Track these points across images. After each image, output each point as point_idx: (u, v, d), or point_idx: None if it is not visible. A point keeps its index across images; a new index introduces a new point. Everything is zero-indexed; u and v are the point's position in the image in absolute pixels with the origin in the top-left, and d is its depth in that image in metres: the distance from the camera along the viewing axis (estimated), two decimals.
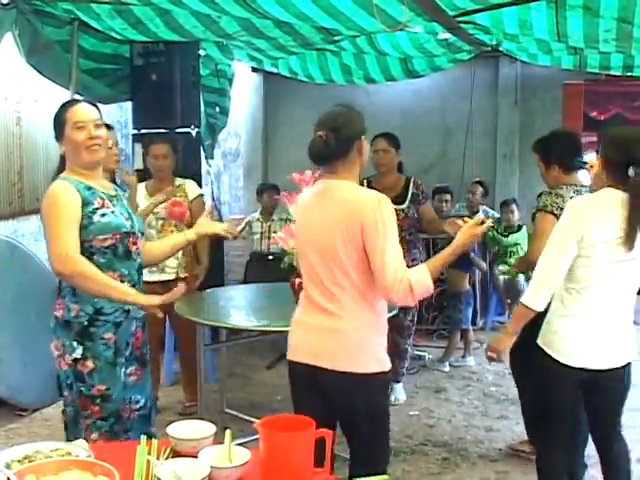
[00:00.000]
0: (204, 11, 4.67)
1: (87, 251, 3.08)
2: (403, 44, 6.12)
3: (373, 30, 5.03)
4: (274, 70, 7.69)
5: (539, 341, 3.44)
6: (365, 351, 2.99)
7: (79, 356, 3.12)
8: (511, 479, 4.56)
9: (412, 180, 5.57)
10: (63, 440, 4.12)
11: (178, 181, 5.45)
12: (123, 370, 3.24)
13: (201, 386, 4.59)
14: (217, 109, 7.85)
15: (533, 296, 3.35)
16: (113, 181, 4.35)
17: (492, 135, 9.02)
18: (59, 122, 3.17)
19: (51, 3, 5.00)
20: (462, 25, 4.96)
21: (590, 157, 4.92)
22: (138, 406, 3.34)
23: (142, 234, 3.36)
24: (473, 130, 8.63)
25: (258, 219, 7.22)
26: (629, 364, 3.42)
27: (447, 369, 6.66)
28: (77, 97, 5.39)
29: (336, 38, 5.92)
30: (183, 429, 2.35)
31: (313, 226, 3.05)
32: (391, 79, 7.56)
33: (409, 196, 5.47)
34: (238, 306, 4.88)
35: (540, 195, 4.43)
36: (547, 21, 4.36)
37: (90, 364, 3.12)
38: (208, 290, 5.13)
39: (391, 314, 3.75)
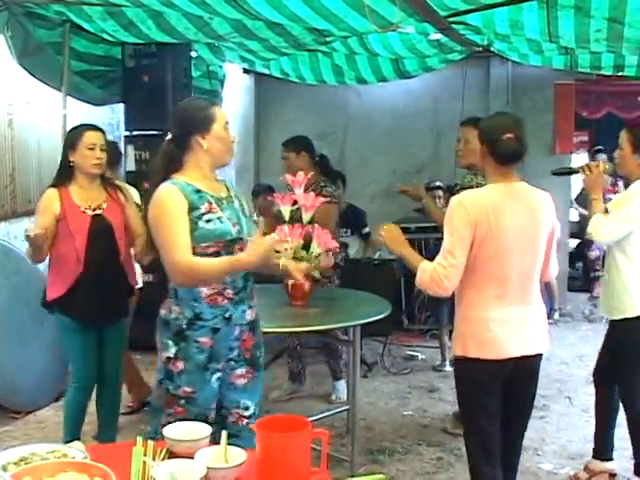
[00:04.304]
0: (196, 13, 4.67)
1: None
2: (395, 45, 6.12)
3: (365, 31, 5.03)
4: (265, 71, 7.69)
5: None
6: (547, 332, 3.46)
7: (172, 355, 3.09)
8: None
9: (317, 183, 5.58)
10: (58, 442, 4.13)
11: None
12: (217, 376, 3.16)
13: None
14: None
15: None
16: (105, 184, 4.30)
17: None
18: (208, 117, 3.12)
19: (43, 5, 5.00)
20: (453, 25, 4.97)
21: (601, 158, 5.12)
22: (248, 413, 3.27)
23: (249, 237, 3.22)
24: None
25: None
26: None
27: (449, 368, 6.64)
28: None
29: (328, 39, 5.93)
30: (179, 430, 2.36)
31: (520, 226, 3.27)
32: (383, 80, 7.56)
33: None
34: None
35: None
36: (538, 21, 4.36)
37: (180, 365, 3.08)
38: None
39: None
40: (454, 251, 3.19)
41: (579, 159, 9.58)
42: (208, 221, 3.05)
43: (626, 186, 4.29)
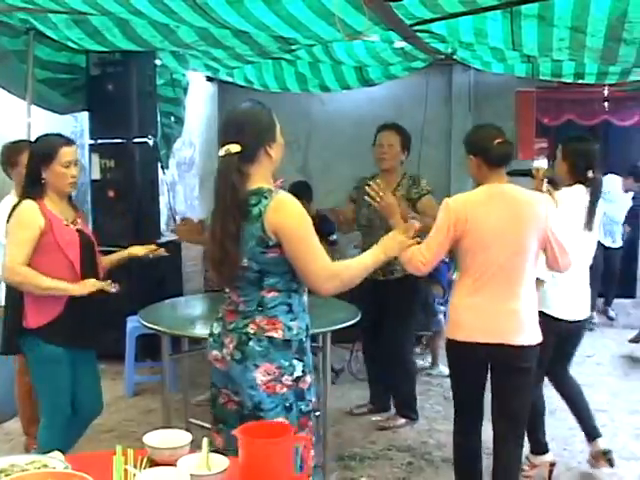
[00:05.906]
0: (162, 21, 4.65)
1: None
2: (359, 53, 6.16)
3: (330, 39, 5.06)
4: (229, 79, 7.68)
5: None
6: (536, 326, 3.70)
7: (300, 373, 2.88)
8: None
9: None
10: (23, 454, 4.07)
11: None
12: None
13: (165, 395, 4.59)
14: (172, 119, 7.84)
15: None
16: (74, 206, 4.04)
17: (446, 142, 9.13)
18: (273, 124, 3.00)
19: (7, 13, 4.95)
20: (418, 34, 5.02)
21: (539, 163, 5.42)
22: None
23: None
24: (427, 137, 8.70)
25: None
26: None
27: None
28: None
29: (293, 47, 5.95)
30: (160, 438, 2.35)
31: (503, 225, 3.61)
32: (346, 87, 7.59)
33: None
34: (199, 315, 4.88)
35: None
36: (502, 30, 4.42)
37: (308, 379, 2.92)
38: (167, 301, 5.10)
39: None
40: (431, 243, 3.68)
41: (540, 164, 9.68)
42: None
43: None
